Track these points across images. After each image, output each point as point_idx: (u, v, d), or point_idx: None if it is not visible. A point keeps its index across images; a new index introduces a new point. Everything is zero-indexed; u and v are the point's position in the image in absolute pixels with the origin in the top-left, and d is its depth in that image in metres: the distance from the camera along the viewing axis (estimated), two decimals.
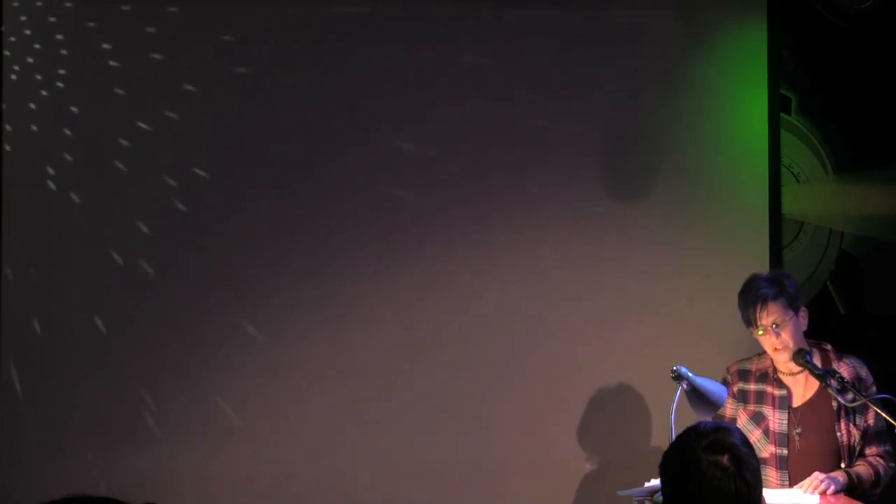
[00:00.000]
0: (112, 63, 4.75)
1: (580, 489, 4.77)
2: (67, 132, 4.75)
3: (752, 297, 3.85)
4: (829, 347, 3.96)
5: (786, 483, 3.82)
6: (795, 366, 3.88)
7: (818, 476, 3.72)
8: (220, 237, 4.76)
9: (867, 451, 3.87)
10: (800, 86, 5.23)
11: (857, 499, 3.73)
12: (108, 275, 4.71)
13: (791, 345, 3.84)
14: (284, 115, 4.78)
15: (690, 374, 3.67)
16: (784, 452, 3.85)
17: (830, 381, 3.79)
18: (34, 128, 4.75)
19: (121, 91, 4.76)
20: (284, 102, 4.79)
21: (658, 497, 3.47)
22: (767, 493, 2.95)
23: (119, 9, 4.76)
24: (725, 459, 2.24)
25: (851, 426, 3.84)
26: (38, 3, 4.77)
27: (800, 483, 3.76)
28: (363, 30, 4.82)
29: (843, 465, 3.83)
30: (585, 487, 4.77)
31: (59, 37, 4.77)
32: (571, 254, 4.84)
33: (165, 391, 4.70)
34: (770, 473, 3.84)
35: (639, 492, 3.61)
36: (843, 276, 5.28)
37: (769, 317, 3.83)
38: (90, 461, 4.64)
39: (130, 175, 4.74)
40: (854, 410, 3.85)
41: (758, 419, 3.91)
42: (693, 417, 3.59)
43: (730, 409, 3.97)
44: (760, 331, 3.86)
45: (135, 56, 4.76)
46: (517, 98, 4.83)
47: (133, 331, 4.71)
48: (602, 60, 4.87)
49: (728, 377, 4.01)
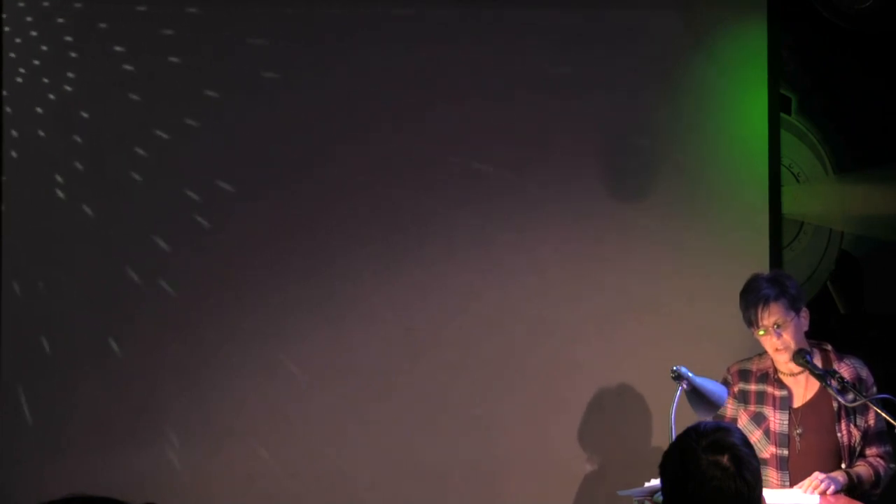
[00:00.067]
0: (112, 65, 4.76)
1: (580, 489, 4.77)
2: (77, 138, 4.75)
3: (754, 298, 3.85)
4: (830, 348, 3.96)
5: (786, 484, 3.82)
6: (796, 366, 3.88)
7: (818, 476, 3.72)
8: (220, 237, 4.75)
9: (867, 452, 3.87)
10: (800, 86, 5.22)
11: (857, 499, 3.73)
12: (109, 275, 4.71)
13: (792, 345, 3.84)
14: (284, 115, 4.78)
15: (690, 374, 3.67)
16: (784, 453, 3.85)
17: (830, 382, 3.79)
18: (41, 133, 4.74)
19: (121, 92, 4.75)
20: (284, 102, 4.79)
21: (658, 497, 3.47)
22: (767, 493, 2.94)
23: (107, 9, 4.76)
24: (725, 459, 2.24)
25: (852, 427, 3.84)
26: (45, 4, 4.76)
27: (800, 483, 3.76)
28: (363, 30, 4.81)
29: (844, 466, 3.83)
30: (585, 487, 4.77)
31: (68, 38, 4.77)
32: (571, 254, 4.84)
33: (165, 391, 4.70)
34: (770, 474, 3.83)
35: (639, 492, 3.61)
36: (843, 276, 5.28)
37: (770, 317, 3.83)
38: (90, 461, 4.64)
39: (130, 175, 4.74)
40: (854, 411, 3.85)
41: (758, 420, 3.91)
42: (693, 417, 3.59)
43: (730, 410, 3.97)
44: (761, 331, 3.86)
45: (133, 56, 4.76)
46: (517, 98, 4.83)
47: (133, 331, 4.71)
48: (602, 60, 4.87)
49: (729, 377, 4.00)
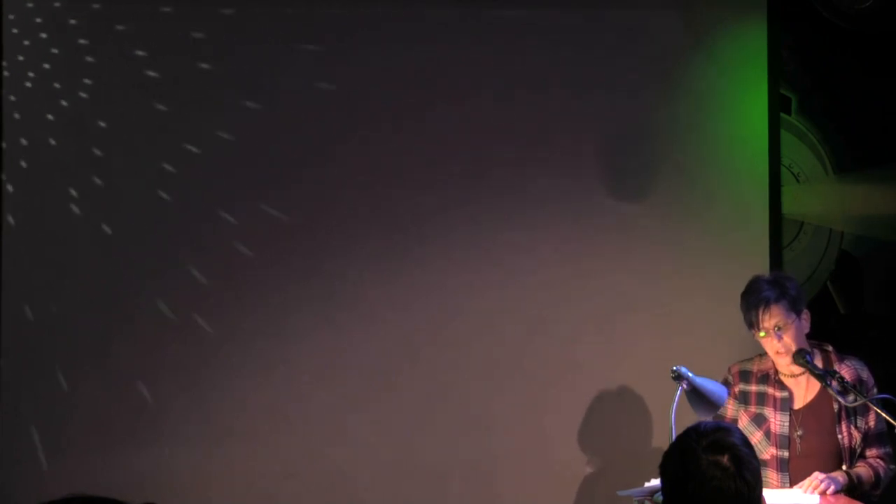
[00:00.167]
0: (118, 62, 4.76)
1: (580, 489, 4.77)
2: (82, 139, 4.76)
3: (755, 300, 3.85)
4: (831, 349, 3.96)
5: (786, 485, 3.82)
6: (797, 367, 3.87)
7: (818, 476, 3.72)
8: (220, 237, 4.75)
9: (868, 453, 3.87)
10: (800, 86, 5.22)
11: (857, 499, 3.73)
12: (109, 275, 4.71)
13: (793, 348, 3.84)
14: (284, 115, 4.78)
15: (690, 374, 3.67)
16: (785, 454, 3.84)
17: (831, 382, 3.78)
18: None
19: (118, 90, 4.76)
20: (284, 102, 4.79)
21: (658, 497, 3.47)
22: (767, 493, 2.94)
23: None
24: (725, 459, 2.24)
25: (852, 428, 3.84)
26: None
27: (800, 483, 3.76)
28: (363, 30, 4.81)
29: (845, 467, 3.83)
30: (585, 487, 4.77)
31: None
32: (571, 253, 4.83)
33: (165, 391, 4.70)
34: (770, 475, 3.83)
35: (639, 492, 3.61)
36: (843, 276, 5.28)
37: (771, 319, 3.82)
38: (90, 461, 4.63)
39: (129, 174, 4.74)
40: (855, 412, 3.84)
41: (759, 421, 3.91)
42: (693, 417, 3.59)
43: (731, 410, 3.97)
44: (762, 333, 3.85)
45: (145, 55, 4.76)
46: (517, 98, 4.83)
47: (133, 331, 4.71)
48: (602, 60, 4.87)
49: (729, 378, 4.00)
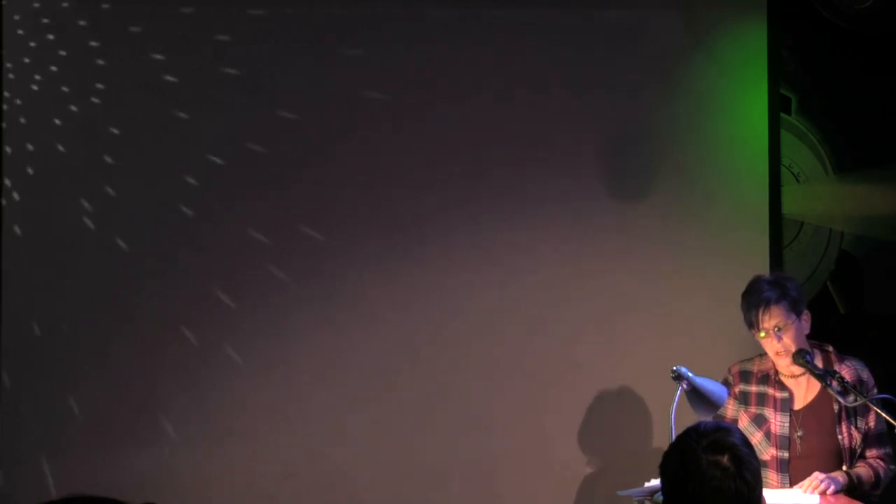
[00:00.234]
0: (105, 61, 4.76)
1: (580, 489, 4.77)
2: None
3: (755, 300, 3.85)
4: (831, 349, 3.96)
5: (786, 486, 3.82)
6: (797, 368, 3.87)
7: (818, 476, 3.72)
8: (220, 237, 4.75)
9: (868, 454, 3.87)
10: (800, 86, 5.22)
11: (857, 499, 3.73)
12: (109, 275, 4.71)
13: (792, 348, 3.84)
14: (284, 115, 4.78)
15: (690, 374, 3.67)
16: (785, 455, 3.84)
17: (831, 382, 3.78)
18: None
19: (118, 90, 4.76)
20: (284, 102, 4.79)
21: (658, 497, 3.47)
22: (767, 494, 2.94)
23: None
24: (725, 459, 2.24)
25: (852, 429, 3.84)
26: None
27: (800, 483, 3.75)
28: (363, 30, 4.81)
29: (845, 468, 3.83)
30: (585, 487, 4.77)
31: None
32: (571, 253, 4.83)
33: (165, 391, 4.70)
34: (770, 476, 3.83)
35: (639, 492, 3.61)
36: (843, 276, 5.27)
37: (771, 320, 3.82)
38: (90, 461, 4.63)
39: (129, 174, 4.74)
40: (855, 413, 3.84)
41: (759, 421, 3.90)
42: (693, 417, 3.59)
43: (731, 411, 3.97)
44: (762, 333, 3.85)
45: (133, 55, 4.76)
46: (517, 98, 4.83)
47: (133, 331, 4.71)
48: (602, 60, 4.87)
49: (730, 378, 4.00)
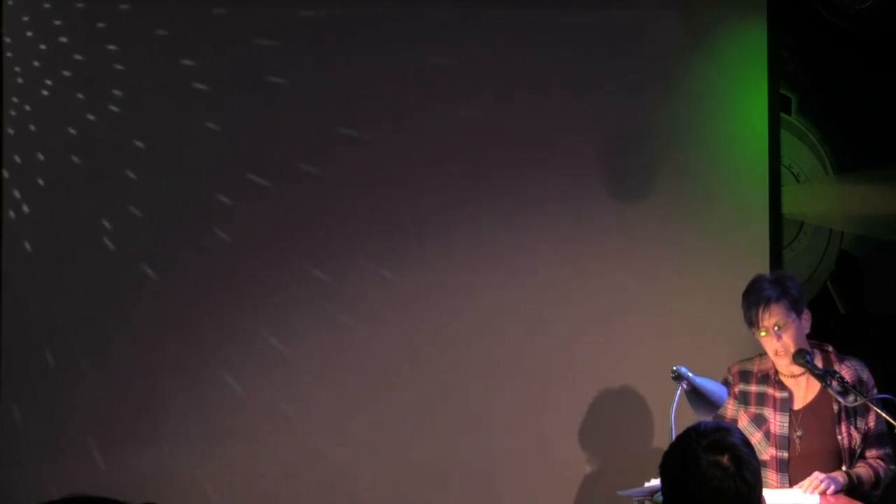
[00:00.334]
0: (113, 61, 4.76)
1: (580, 489, 4.77)
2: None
3: (756, 298, 3.85)
4: (831, 349, 3.95)
5: (786, 486, 3.81)
6: (797, 368, 3.87)
7: (818, 476, 3.72)
8: (220, 237, 4.75)
9: (867, 454, 3.87)
10: (800, 86, 5.22)
11: (857, 499, 3.73)
12: (109, 275, 4.71)
13: (792, 348, 3.84)
14: (284, 115, 4.78)
15: (690, 374, 3.67)
16: (785, 455, 3.84)
17: (831, 382, 3.78)
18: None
19: (119, 91, 4.76)
20: (284, 102, 4.79)
21: (658, 497, 3.47)
22: (767, 493, 2.94)
23: (119, 8, 4.76)
24: (725, 459, 2.24)
25: (852, 429, 3.84)
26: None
27: (800, 483, 3.75)
28: (363, 30, 4.81)
29: (844, 468, 3.83)
30: (585, 487, 4.77)
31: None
32: (571, 253, 4.83)
33: (165, 391, 4.70)
34: (770, 476, 3.83)
35: (639, 492, 3.61)
36: (843, 276, 5.28)
37: (771, 318, 3.82)
38: (90, 461, 4.64)
39: (129, 174, 4.74)
40: (855, 413, 3.84)
41: (759, 421, 3.90)
42: (693, 417, 3.59)
43: (731, 410, 3.97)
44: (762, 332, 3.85)
45: (137, 54, 4.76)
46: (517, 98, 4.83)
47: (133, 331, 4.71)
48: (602, 60, 4.87)
49: (730, 378, 4.00)
